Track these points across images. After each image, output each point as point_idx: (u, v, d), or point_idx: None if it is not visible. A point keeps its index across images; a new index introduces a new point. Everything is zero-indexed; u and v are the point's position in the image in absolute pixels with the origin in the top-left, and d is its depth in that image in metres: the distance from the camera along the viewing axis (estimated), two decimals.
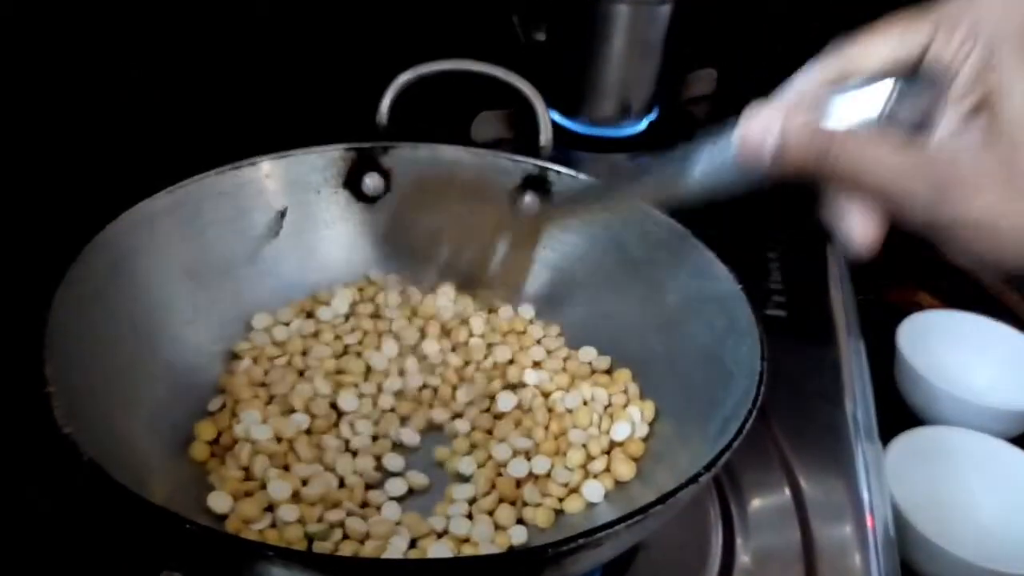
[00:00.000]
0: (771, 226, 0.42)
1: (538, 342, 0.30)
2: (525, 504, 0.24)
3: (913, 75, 0.17)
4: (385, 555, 0.22)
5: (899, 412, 0.42)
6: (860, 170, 0.16)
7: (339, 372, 0.28)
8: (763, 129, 0.17)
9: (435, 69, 0.35)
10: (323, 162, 0.31)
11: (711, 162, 0.19)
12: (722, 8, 0.54)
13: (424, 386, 0.28)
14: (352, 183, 0.31)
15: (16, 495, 0.25)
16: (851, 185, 0.17)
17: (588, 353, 0.29)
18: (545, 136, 0.35)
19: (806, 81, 0.18)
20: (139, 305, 0.26)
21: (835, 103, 0.17)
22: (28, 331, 0.21)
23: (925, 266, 0.53)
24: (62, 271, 0.23)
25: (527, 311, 0.31)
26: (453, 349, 0.30)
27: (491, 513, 0.24)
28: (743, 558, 0.25)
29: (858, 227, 0.17)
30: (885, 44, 0.18)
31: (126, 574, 0.22)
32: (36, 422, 0.19)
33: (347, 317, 0.30)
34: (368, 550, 0.22)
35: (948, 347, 0.44)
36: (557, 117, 0.47)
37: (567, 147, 0.46)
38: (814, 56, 0.18)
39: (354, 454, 0.26)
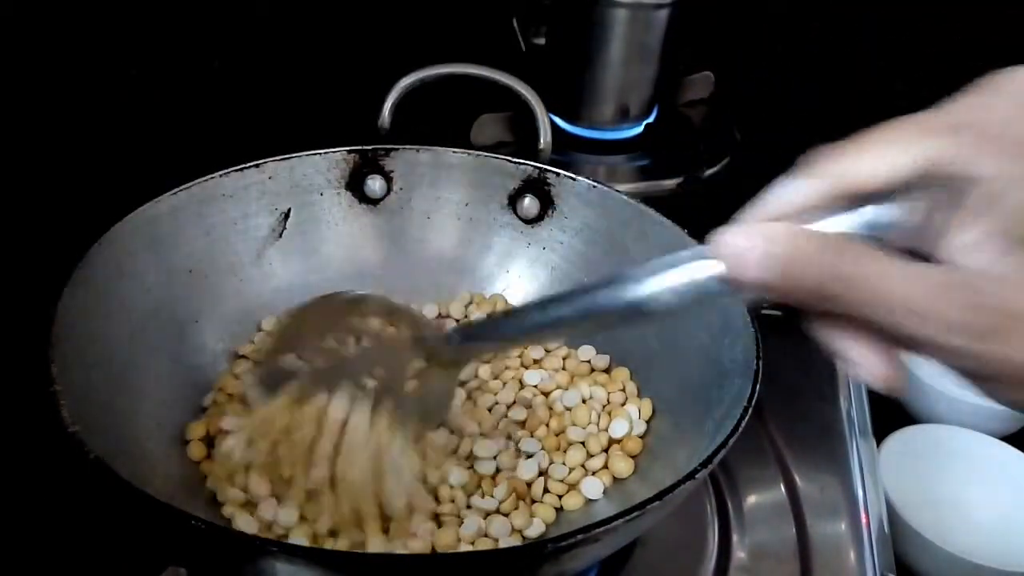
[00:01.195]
0: None
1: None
2: (534, 502, 0.25)
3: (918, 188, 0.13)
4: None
5: (893, 410, 0.42)
6: (877, 290, 0.13)
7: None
8: (754, 241, 0.13)
9: (436, 73, 0.35)
10: (326, 164, 0.31)
11: (682, 282, 0.15)
12: (720, 11, 0.54)
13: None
14: (355, 185, 0.32)
15: (20, 494, 0.25)
16: (863, 310, 0.13)
17: (587, 352, 0.30)
18: (544, 139, 0.36)
19: (789, 198, 0.15)
20: (144, 305, 0.26)
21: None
22: (34, 331, 0.21)
23: None
24: (68, 272, 0.23)
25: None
26: None
27: (507, 514, 0.24)
28: (739, 554, 0.26)
29: (875, 363, 0.14)
30: (887, 157, 0.14)
31: (131, 571, 0.23)
32: (40, 421, 0.19)
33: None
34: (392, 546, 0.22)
35: None
36: (556, 120, 0.47)
37: (566, 150, 0.47)
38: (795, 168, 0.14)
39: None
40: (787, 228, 0.14)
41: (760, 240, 0.13)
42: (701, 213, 0.25)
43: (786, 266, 0.13)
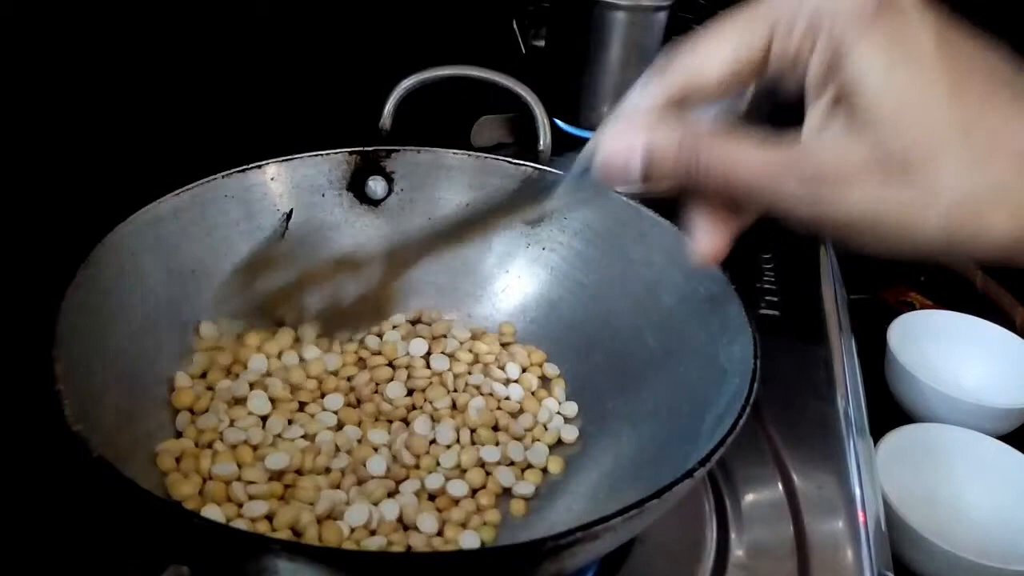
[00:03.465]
0: (764, 227, 0.43)
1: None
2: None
3: (760, 76, 0.15)
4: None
5: (890, 409, 0.42)
6: (730, 173, 0.15)
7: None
8: (626, 148, 0.15)
9: (437, 75, 0.36)
10: (328, 165, 0.31)
11: (571, 187, 0.18)
12: (717, 14, 0.54)
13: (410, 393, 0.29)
14: (356, 186, 0.32)
15: (20, 493, 0.25)
16: (722, 190, 0.15)
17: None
18: (544, 140, 0.36)
19: (646, 100, 0.16)
20: (147, 305, 0.26)
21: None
22: (37, 331, 0.21)
23: (917, 267, 0.53)
24: (71, 272, 0.23)
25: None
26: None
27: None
28: (737, 552, 0.26)
29: (705, 235, 0.17)
30: (722, 51, 0.16)
31: (133, 570, 0.23)
32: (43, 420, 0.19)
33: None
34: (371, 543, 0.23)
35: (938, 346, 0.45)
36: (556, 122, 0.47)
37: (566, 151, 0.47)
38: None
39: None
40: (655, 126, 0.15)
41: (638, 141, 0.15)
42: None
43: (650, 162, 0.15)
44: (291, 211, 0.31)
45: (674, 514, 0.25)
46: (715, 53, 0.16)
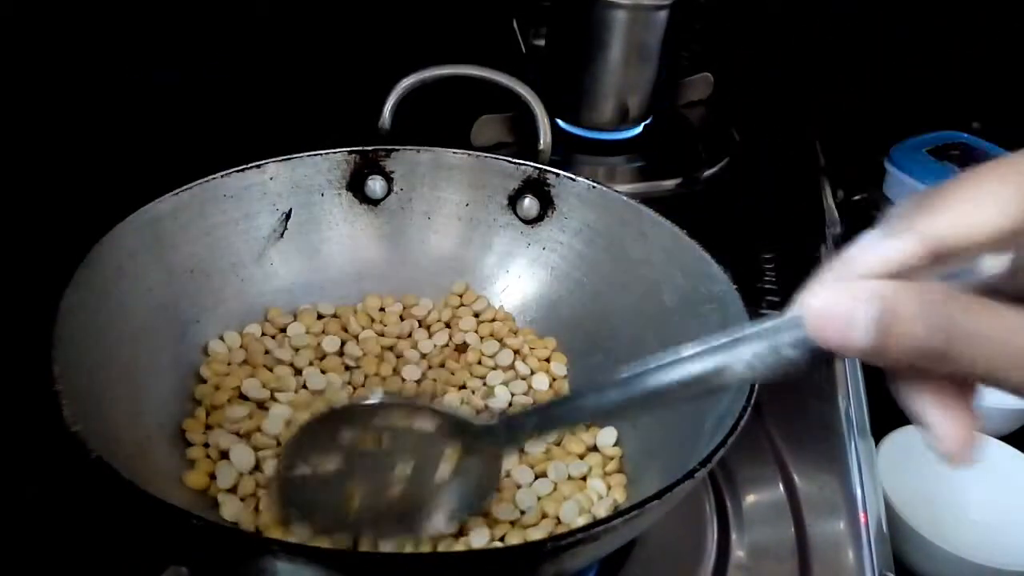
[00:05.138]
0: (765, 227, 0.43)
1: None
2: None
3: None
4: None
5: (891, 410, 0.42)
6: (989, 348, 0.12)
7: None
8: (850, 300, 0.12)
9: (437, 74, 0.36)
10: (327, 165, 0.31)
11: (761, 352, 0.14)
12: (719, 13, 0.54)
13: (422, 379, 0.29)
14: (355, 185, 0.32)
15: (20, 494, 0.25)
16: (969, 368, 0.12)
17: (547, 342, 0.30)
18: (544, 140, 0.36)
19: (880, 260, 0.13)
20: (145, 305, 0.26)
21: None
22: (36, 331, 0.21)
23: None
24: (70, 272, 0.23)
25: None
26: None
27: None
28: (738, 553, 0.26)
29: (951, 430, 0.13)
30: (1001, 202, 0.12)
31: (132, 570, 0.23)
32: (42, 421, 0.19)
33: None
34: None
35: None
36: (556, 121, 0.47)
37: (566, 150, 0.47)
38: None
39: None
40: (885, 284, 0.12)
41: (860, 298, 0.12)
42: (700, 213, 0.25)
43: (888, 324, 0.12)
44: (290, 211, 0.31)
45: (675, 515, 0.25)
46: (991, 204, 0.12)
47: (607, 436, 0.27)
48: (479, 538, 0.23)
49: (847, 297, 0.12)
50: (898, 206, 0.13)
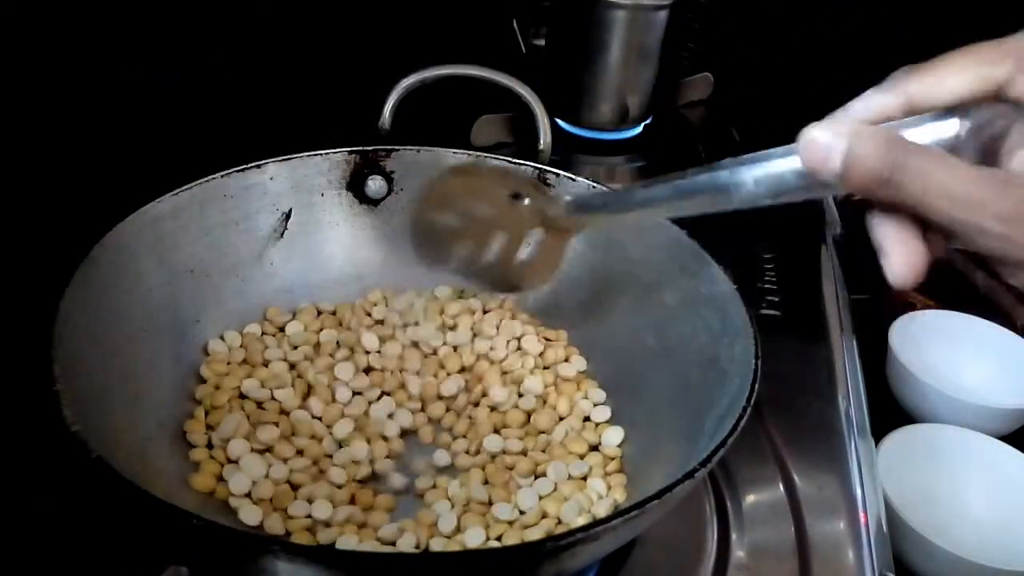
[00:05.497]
0: (765, 227, 0.43)
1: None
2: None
3: (985, 106, 0.16)
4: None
5: (891, 410, 0.42)
6: (930, 190, 0.15)
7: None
8: (832, 136, 0.16)
9: (437, 74, 0.36)
10: (327, 165, 0.31)
11: (764, 173, 0.17)
12: (719, 13, 0.54)
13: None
14: (355, 185, 0.32)
15: (20, 494, 0.25)
16: (918, 206, 0.15)
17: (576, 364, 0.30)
18: (544, 140, 0.36)
19: (867, 108, 0.17)
20: (145, 305, 0.26)
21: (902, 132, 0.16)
22: (36, 331, 0.21)
23: None
24: (70, 272, 0.23)
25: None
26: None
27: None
28: (738, 553, 0.26)
29: (901, 255, 0.16)
30: (958, 77, 0.16)
31: (132, 570, 0.23)
32: (42, 420, 0.19)
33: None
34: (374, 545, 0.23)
35: (939, 346, 0.45)
36: (556, 121, 0.47)
37: (566, 150, 0.47)
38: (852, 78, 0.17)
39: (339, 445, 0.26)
40: (864, 127, 0.16)
41: (843, 136, 0.15)
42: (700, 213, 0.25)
43: (860, 157, 0.15)
44: (290, 210, 0.31)
45: (675, 515, 0.25)
46: (954, 76, 0.16)
47: (612, 436, 0.27)
48: (478, 538, 0.23)
49: (830, 132, 0.16)
50: (895, 73, 0.17)
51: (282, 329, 0.30)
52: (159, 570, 0.22)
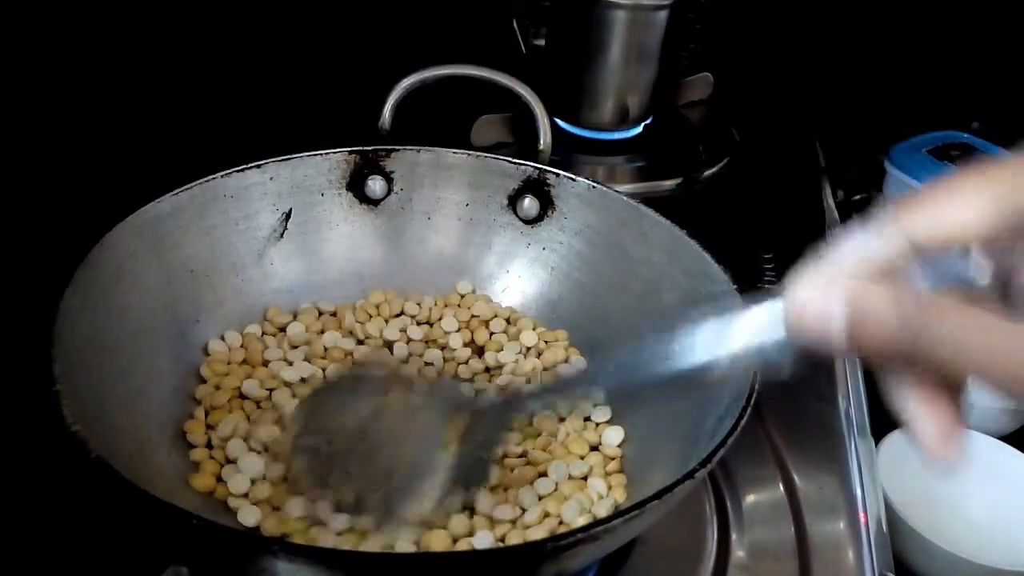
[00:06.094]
0: (765, 226, 0.43)
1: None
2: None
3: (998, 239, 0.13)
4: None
5: (891, 410, 0.42)
6: (965, 349, 0.12)
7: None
8: (828, 298, 0.13)
9: (437, 74, 0.36)
10: (327, 165, 0.31)
11: (742, 347, 0.14)
12: (719, 13, 0.54)
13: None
14: (355, 185, 0.32)
15: (20, 494, 0.25)
16: (948, 368, 0.13)
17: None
18: (544, 140, 0.36)
19: (860, 258, 0.14)
20: (145, 305, 0.26)
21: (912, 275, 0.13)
22: (36, 331, 0.21)
23: None
24: (70, 272, 0.23)
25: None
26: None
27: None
28: (738, 553, 0.26)
29: (934, 426, 0.13)
30: (980, 201, 0.13)
31: (132, 570, 0.23)
32: (41, 420, 0.19)
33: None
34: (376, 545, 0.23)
35: None
36: (556, 121, 0.47)
37: (566, 150, 0.47)
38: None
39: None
40: (859, 284, 0.13)
41: (844, 297, 0.13)
42: (700, 213, 0.25)
43: (859, 323, 0.13)
44: (290, 211, 0.31)
45: (675, 515, 0.25)
46: (971, 203, 0.13)
47: (613, 435, 0.27)
48: (480, 538, 0.23)
49: (823, 295, 0.13)
50: (886, 205, 0.14)
51: (282, 329, 0.30)
52: (159, 570, 0.22)
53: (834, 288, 0.13)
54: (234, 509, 0.24)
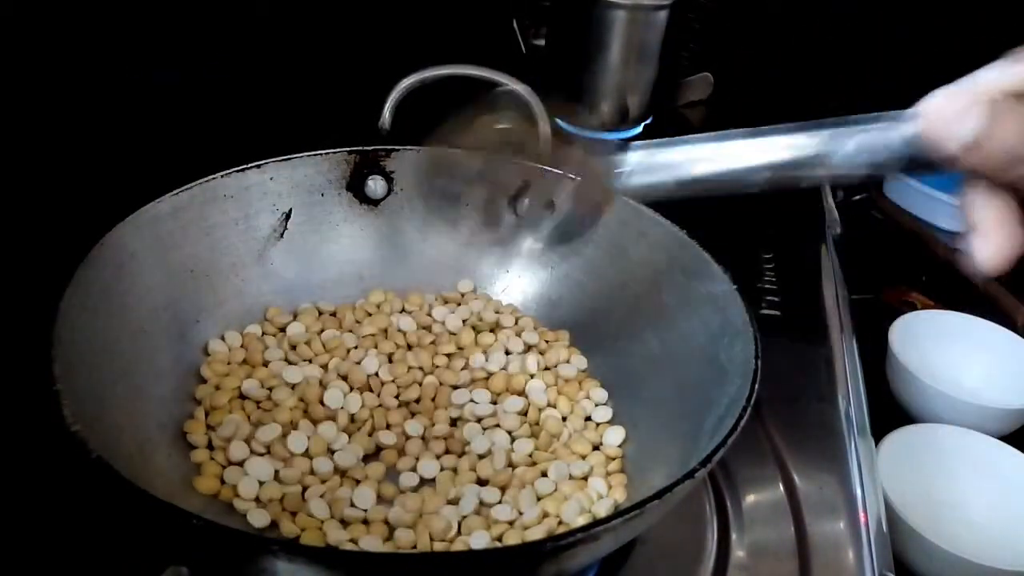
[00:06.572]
0: (765, 226, 0.43)
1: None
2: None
3: None
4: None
5: (891, 410, 0.42)
6: None
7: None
8: (964, 105, 0.15)
9: (436, 74, 0.36)
10: (327, 165, 0.31)
11: (869, 138, 0.15)
12: (719, 13, 0.54)
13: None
14: (355, 185, 0.32)
15: (20, 494, 0.25)
16: None
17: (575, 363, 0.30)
18: (544, 140, 0.36)
19: (1001, 79, 0.15)
20: (145, 305, 0.26)
21: None
22: (36, 331, 0.21)
23: (918, 267, 0.53)
24: (70, 272, 0.23)
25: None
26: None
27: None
28: (738, 553, 0.26)
29: (998, 239, 0.15)
30: None
31: (132, 570, 0.23)
32: (41, 420, 0.19)
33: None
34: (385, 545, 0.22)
35: (939, 346, 0.45)
36: (556, 121, 0.47)
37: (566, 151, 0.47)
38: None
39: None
40: (1005, 100, 0.14)
41: (979, 107, 0.14)
42: (700, 213, 0.25)
43: (997, 132, 0.14)
44: (290, 211, 0.31)
45: (675, 515, 0.25)
46: None
47: (613, 435, 0.27)
48: (479, 538, 0.23)
49: (964, 100, 0.15)
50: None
51: (283, 329, 0.30)
52: (159, 570, 0.21)
53: (972, 99, 0.15)
54: (242, 512, 0.24)
